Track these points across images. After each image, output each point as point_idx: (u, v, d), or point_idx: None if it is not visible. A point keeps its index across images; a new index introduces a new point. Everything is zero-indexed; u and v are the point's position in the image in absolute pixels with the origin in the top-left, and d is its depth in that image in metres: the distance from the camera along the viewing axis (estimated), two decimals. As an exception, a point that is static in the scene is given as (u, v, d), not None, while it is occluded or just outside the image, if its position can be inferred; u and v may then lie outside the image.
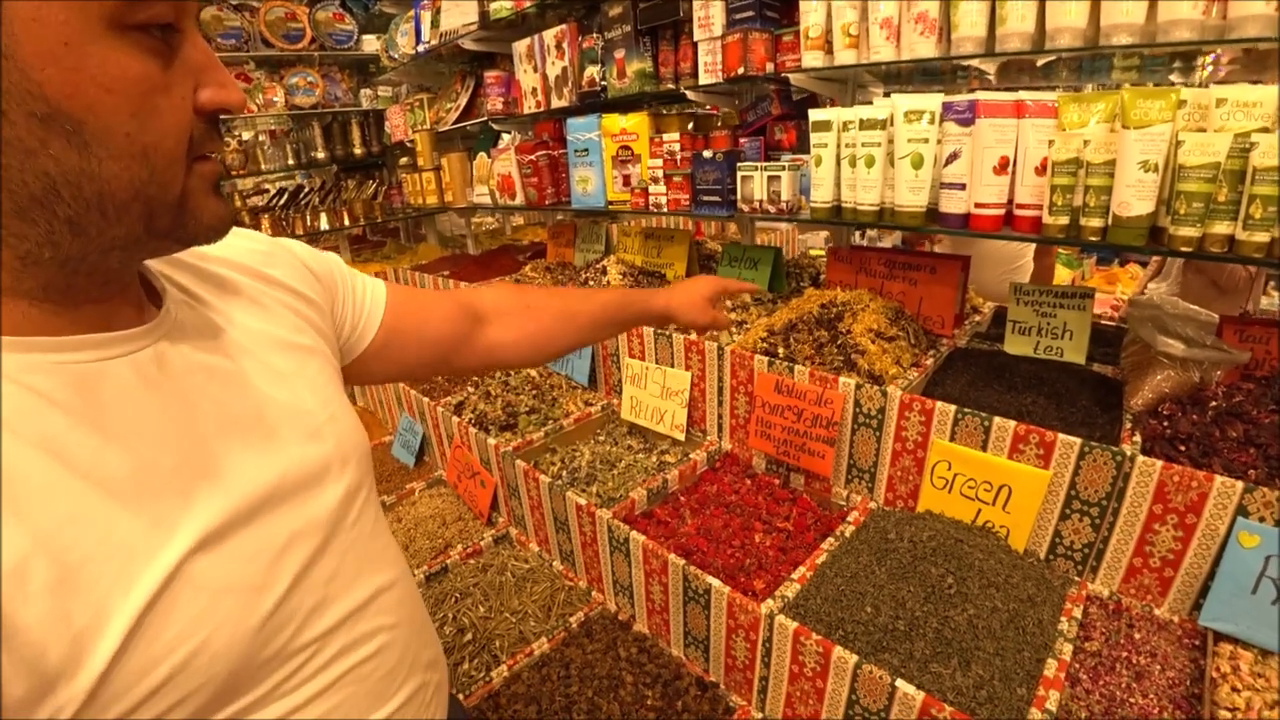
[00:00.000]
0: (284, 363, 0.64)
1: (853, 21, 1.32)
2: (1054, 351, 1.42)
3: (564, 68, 1.95)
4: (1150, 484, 1.04)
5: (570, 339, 1.07)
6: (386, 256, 3.29)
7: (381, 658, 0.64)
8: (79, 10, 0.40)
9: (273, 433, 0.58)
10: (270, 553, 0.54)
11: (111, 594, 0.43)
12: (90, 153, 0.42)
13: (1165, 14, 1.02)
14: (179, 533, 0.47)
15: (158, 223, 0.47)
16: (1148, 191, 1.03)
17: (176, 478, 0.49)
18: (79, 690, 0.41)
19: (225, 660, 0.49)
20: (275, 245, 0.72)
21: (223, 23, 2.70)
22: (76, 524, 0.43)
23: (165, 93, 0.45)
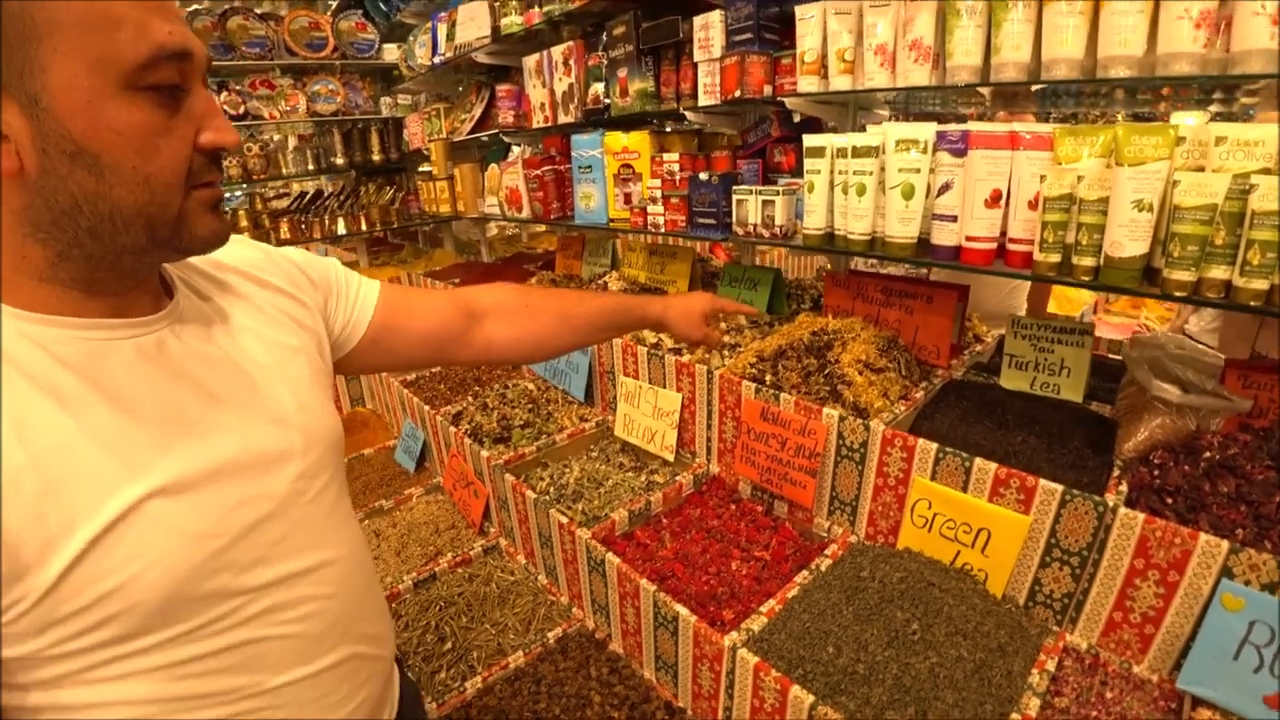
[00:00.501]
0: (267, 357, 0.75)
1: (848, 47, 1.30)
2: (1050, 389, 1.38)
3: (570, 84, 1.96)
4: (1132, 537, 1.00)
5: (566, 339, 1.14)
6: (403, 261, 3.34)
7: (312, 621, 0.72)
8: (101, 76, 0.53)
9: (244, 413, 0.69)
10: (220, 510, 0.64)
11: (80, 512, 0.55)
12: (104, 180, 0.56)
13: (1164, 46, 0.98)
14: (145, 478, 0.59)
15: (158, 234, 0.60)
16: (1141, 232, 1.00)
17: (153, 436, 0.61)
18: (42, 583, 0.53)
19: (161, 587, 0.59)
20: (274, 254, 0.85)
21: (248, 32, 2.78)
22: (63, 453, 0.55)
23: (165, 135, 0.57)
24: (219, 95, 2.82)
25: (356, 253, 3.41)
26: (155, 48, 0.55)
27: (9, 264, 0.57)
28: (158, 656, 0.61)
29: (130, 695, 0.60)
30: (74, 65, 0.52)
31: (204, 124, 0.60)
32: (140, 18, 0.55)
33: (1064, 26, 1.04)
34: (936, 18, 1.18)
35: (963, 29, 1.14)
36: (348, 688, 0.77)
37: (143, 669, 0.60)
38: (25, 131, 0.53)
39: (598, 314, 1.15)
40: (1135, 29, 0.99)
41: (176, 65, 0.57)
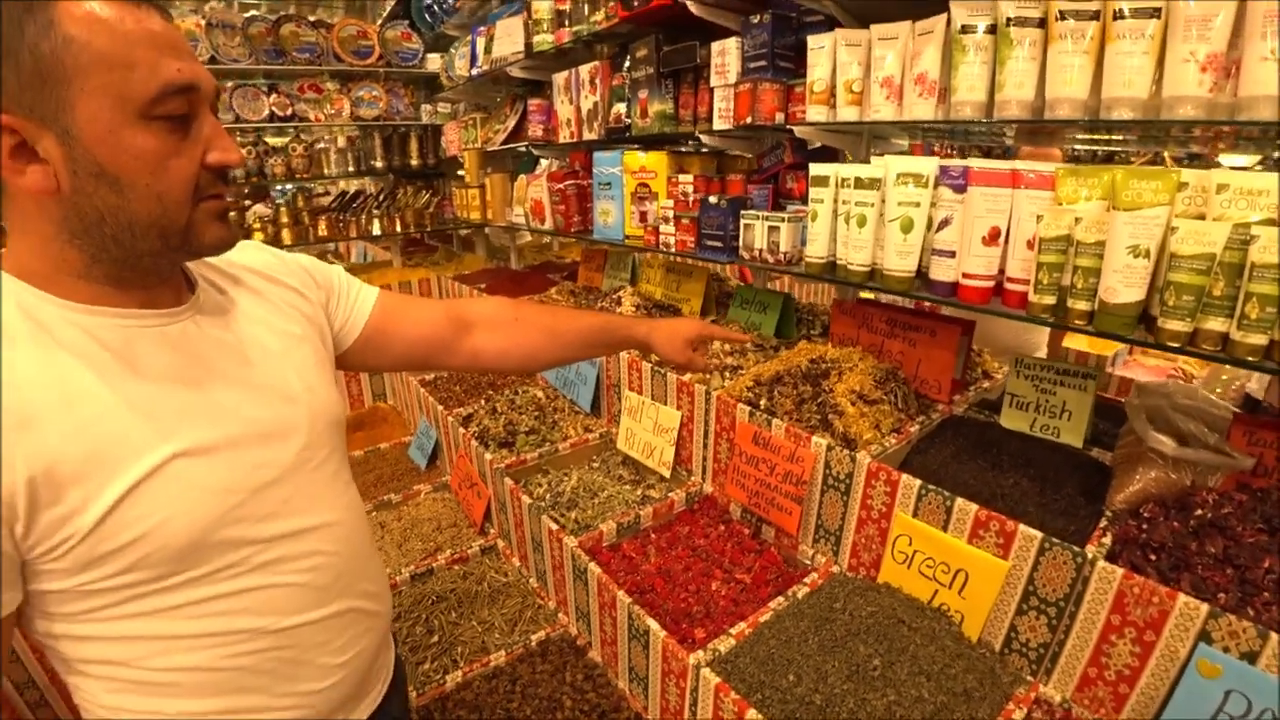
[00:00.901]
0: (275, 343, 0.85)
1: (856, 78, 1.30)
2: (1050, 431, 1.35)
3: (595, 102, 2.00)
4: (1109, 592, 0.97)
5: (554, 354, 1.21)
6: (435, 263, 3.44)
7: (316, 574, 0.82)
8: (118, 111, 0.63)
9: (256, 391, 0.79)
10: (234, 471, 0.74)
11: (118, 466, 0.66)
12: (124, 196, 0.65)
13: (1170, 89, 0.96)
14: (171, 441, 0.69)
15: (170, 241, 0.70)
16: (1137, 278, 0.98)
17: (178, 407, 0.71)
18: (86, 523, 0.64)
19: (184, 533, 0.69)
20: (285, 257, 0.96)
21: (299, 38, 2.92)
22: (104, 419, 0.66)
23: (175, 157, 0.67)
24: (268, 97, 2.98)
25: (391, 252, 3.53)
26: (164, 84, 0.64)
27: (54, 264, 0.68)
28: (179, 595, 0.71)
29: (153, 630, 0.71)
30: (97, 101, 0.62)
31: (210, 145, 0.70)
32: (152, 58, 0.64)
33: (1068, 66, 1.03)
34: (943, 53, 1.18)
35: (968, 65, 1.14)
36: (348, 636, 0.86)
37: (166, 606, 0.70)
38: (60, 157, 0.63)
39: (585, 331, 1.21)
40: (1140, 70, 0.98)
41: (184, 97, 0.66)
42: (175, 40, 0.68)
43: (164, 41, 0.66)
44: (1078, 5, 1.01)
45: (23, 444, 0.62)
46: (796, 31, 1.47)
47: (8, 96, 0.61)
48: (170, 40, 0.67)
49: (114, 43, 0.63)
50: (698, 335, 1.27)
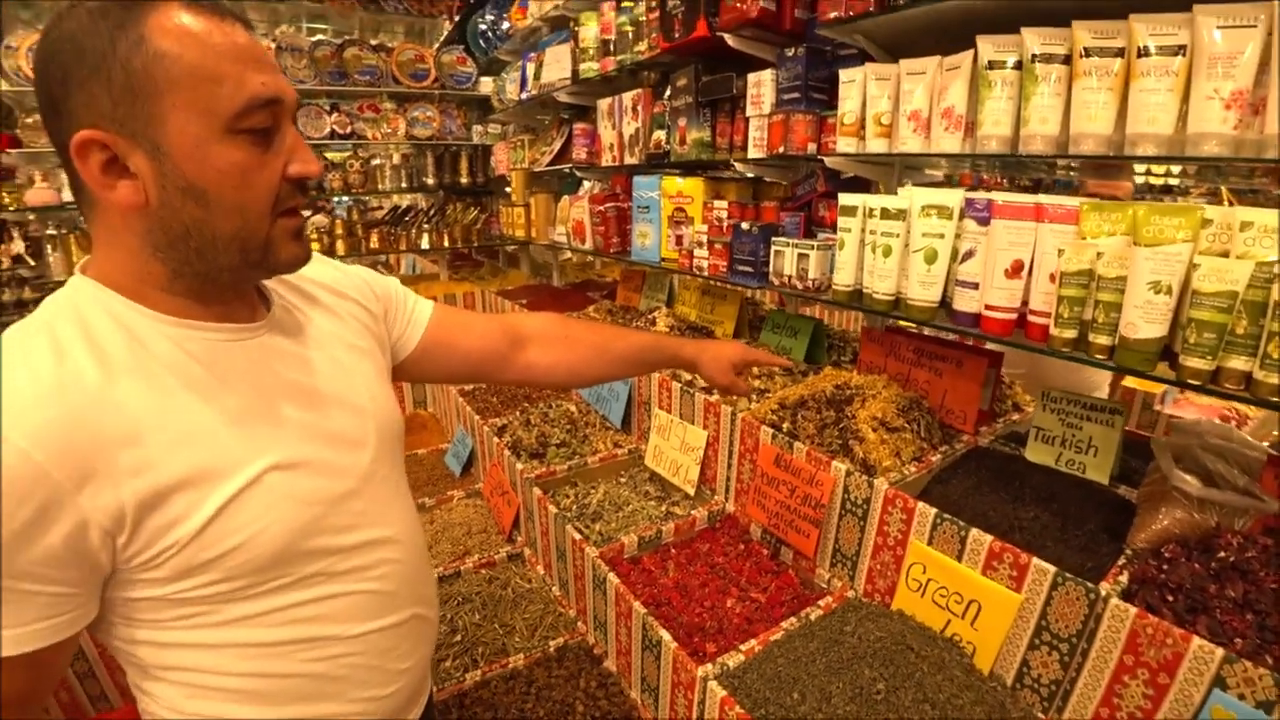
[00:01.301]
0: (346, 357, 0.88)
1: (885, 111, 1.33)
2: (1076, 466, 1.33)
3: (637, 128, 2.07)
4: (1122, 631, 0.96)
5: (601, 371, 1.24)
6: (480, 278, 3.57)
7: (386, 581, 0.85)
8: (206, 125, 0.65)
9: (331, 403, 0.82)
10: (319, 482, 0.77)
11: (219, 477, 0.69)
12: (210, 210, 0.67)
13: (1194, 126, 0.96)
14: (265, 455, 0.72)
15: (250, 256, 0.72)
16: (1158, 314, 0.98)
17: (267, 420, 0.74)
18: (188, 532, 0.66)
19: (275, 543, 0.72)
20: (348, 270, 0.99)
21: (361, 61, 3.11)
22: (203, 433, 0.69)
23: (259, 170, 0.69)
24: (330, 116, 3.17)
25: (438, 265, 3.67)
26: (250, 97, 0.66)
27: (139, 277, 0.70)
28: (264, 603, 0.73)
29: (237, 638, 0.73)
30: (186, 115, 0.64)
31: (292, 156, 0.71)
32: (238, 72, 0.65)
33: (1092, 102, 1.05)
34: (969, 88, 1.20)
35: (994, 100, 1.16)
36: (410, 643, 0.89)
37: (251, 614, 0.72)
38: (149, 172, 0.65)
39: (634, 350, 1.24)
40: (1164, 107, 0.98)
41: (269, 110, 0.68)
42: (259, 54, 0.69)
43: (249, 55, 0.67)
44: (1102, 42, 1.02)
45: (129, 458, 0.63)
46: (830, 64, 1.51)
47: (99, 113, 0.63)
48: (255, 54, 0.68)
49: (203, 57, 0.64)
50: (742, 359, 1.29)
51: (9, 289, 3.06)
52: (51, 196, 3.02)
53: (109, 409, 0.64)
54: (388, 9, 3.34)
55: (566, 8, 2.31)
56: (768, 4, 1.52)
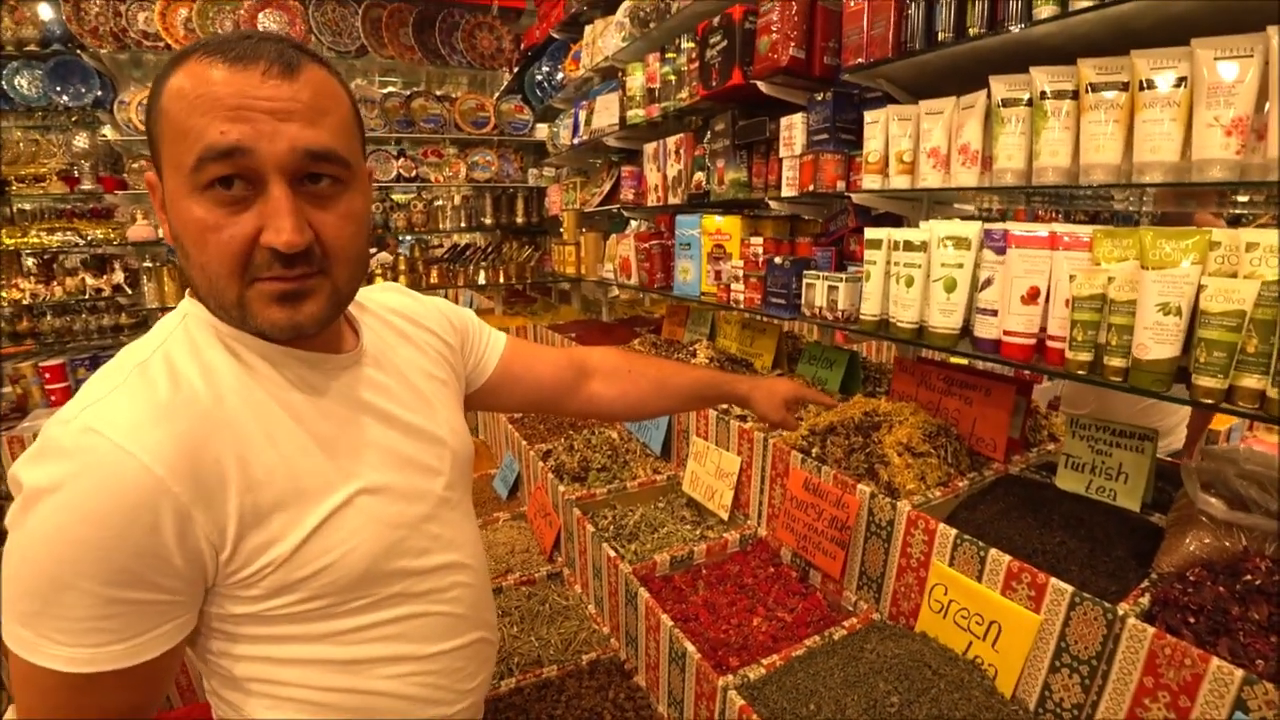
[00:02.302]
0: (426, 386, 0.92)
1: (907, 149, 1.40)
2: (1106, 493, 1.32)
3: (680, 170, 2.20)
4: (1141, 651, 0.96)
5: (661, 404, 1.30)
6: (533, 313, 3.74)
7: (458, 603, 0.88)
8: (178, 178, 0.66)
9: (413, 431, 0.86)
10: (402, 504, 0.81)
11: (313, 501, 0.72)
12: (189, 262, 0.69)
13: (1198, 153, 1.00)
14: (355, 479, 0.76)
15: (229, 315, 0.71)
16: (1168, 335, 1.00)
17: (356, 445, 0.78)
18: (285, 550, 0.70)
19: (363, 563, 0.75)
20: (426, 301, 1.03)
21: (427, 110, 3.40)
22: (301, 456, 0.72)
23: (216, 231, 0.66)
24: (397, 160, 3.45)
25: (494, 300, 3.88)
26: (202, 149, 0.63)
27: None
28: (348, 621, 0.76)
29: (320, 654, 0.75)
30: (170, 170, 0.66)
31: (266, 223, 0.66)
32: (203, 125, 0.63)
33: (1100, 134, 1.09)
34: (984, 125, 1.26)
35: (1007, 135, 1.21)
36: (475, 665, 0.92)
37: (335, 631, 0.75)
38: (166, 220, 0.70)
39: (692, 385, 1.29)
40: (1168, 136, 1.02)
41: (230, 162, 0.63)
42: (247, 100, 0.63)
43: (229, 104, 0.63)
44: (1107, 78, 1.08)
45: (236, 476, 0.66)
46: (857, 107, 1.59)
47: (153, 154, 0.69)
48: (239, 100, 0.63)
49: (179, 111, 0.64)
50: (795, 397, 1.33)
51: (109, 314, 3.42)
52: (149, 233, 3.36)
53: (220, 428, 0.67)
54: (452, 63, 3.63)
55: (616, 59, 2.49)
56: (797, 53, 1.63)
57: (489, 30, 3.73)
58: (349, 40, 3.49)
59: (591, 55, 2.74)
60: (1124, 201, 3.39)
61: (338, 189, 0.72)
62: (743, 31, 1.77)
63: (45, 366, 3.25)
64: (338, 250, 0.72)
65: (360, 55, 3.54)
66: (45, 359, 3.28)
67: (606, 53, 2.55)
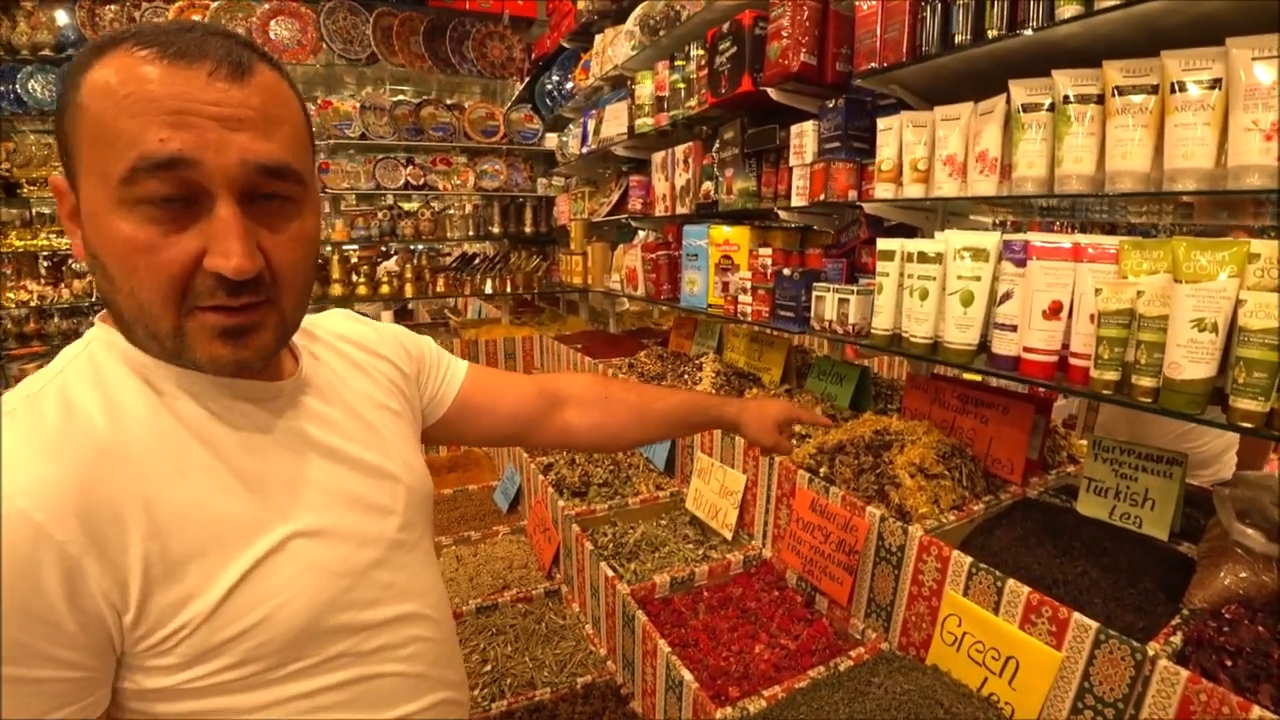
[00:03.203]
0: (377, 418, 0.83)
1: (922, 157, 1.35)
2: (1131, 520, 1.25)
3: (688, 179, 2.15)
4: (1173, 697, 0.89)
5: (641, 434, 1.20)
6: (540, 323, 3.70)
7: (415, 661, 0.78)
8: (104, 190, 0.57)
9: (359, 467, 0.77)
10: (347, 549, 0.71)
11: (236, 547, 0.62)
12: (112, 284, 0.60)
13: (1234, 159, 0.94)
14: (288, 520, 0.66)
15: (164, 344, 0.61)
16: (1203, 353, 0.93)
17: (291, 483, 0.69)
18: (204, 609, 0.59)
19: (300, 619, 0.65)
20: (380, 328, 0.95)
21: (436, 119, 3.39)
22: (221, 497, 0.63)
23: (148, 254, 0.57)
24: (405, 169, 3.44)
25: (501, 310, 3.84)
26: (135, 158, 0.55)
27: None
28: (288, 688, 0.65)
29: None
30: (90, 179, 0.57)
31: (211, 245, 0.58)
32: (136, 129, 0.55)
33: (1127, 140, 1.04)
34: (1003, 131, 1.21)
35: (1028, 142, 1.16)
36: None
37: (273, 701, 0.64)
38: (79, 233, 0.61)
39: (675, 410, 1.20)
40: (1202, 141, 0.97)
41: (172, 175, 0.56)
42: (189, 104, 0.56)
43: (166, 106, 0.55)
44: (1135, 80, 1.02)
45: (139, 522, 0.57)
46: (870, 114, 1.54)
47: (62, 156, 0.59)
48: (179, 104, 0.55)
49: (105, 111, 0.55)
50: (786, 418, 1.25)
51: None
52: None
53: (119, 465, 0.58)
54: (462, 72, 3.63)
55: (625, 67, 2.46)
56: (809, 59, 1.58)
57: (499, 39, 3.73)
58: (360, 48, 3.49)
59: (601, 64, 2.71)
60: (1141, 215, 3.31)
61: (289, 208, 0.65)
62: (753, 38, 1.73)
63: (51, 369, 3.24)
64: (287, 276, 0.65)
65: (371, 63, 3.54)
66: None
67: (616, 61, 2.52)
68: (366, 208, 3.63)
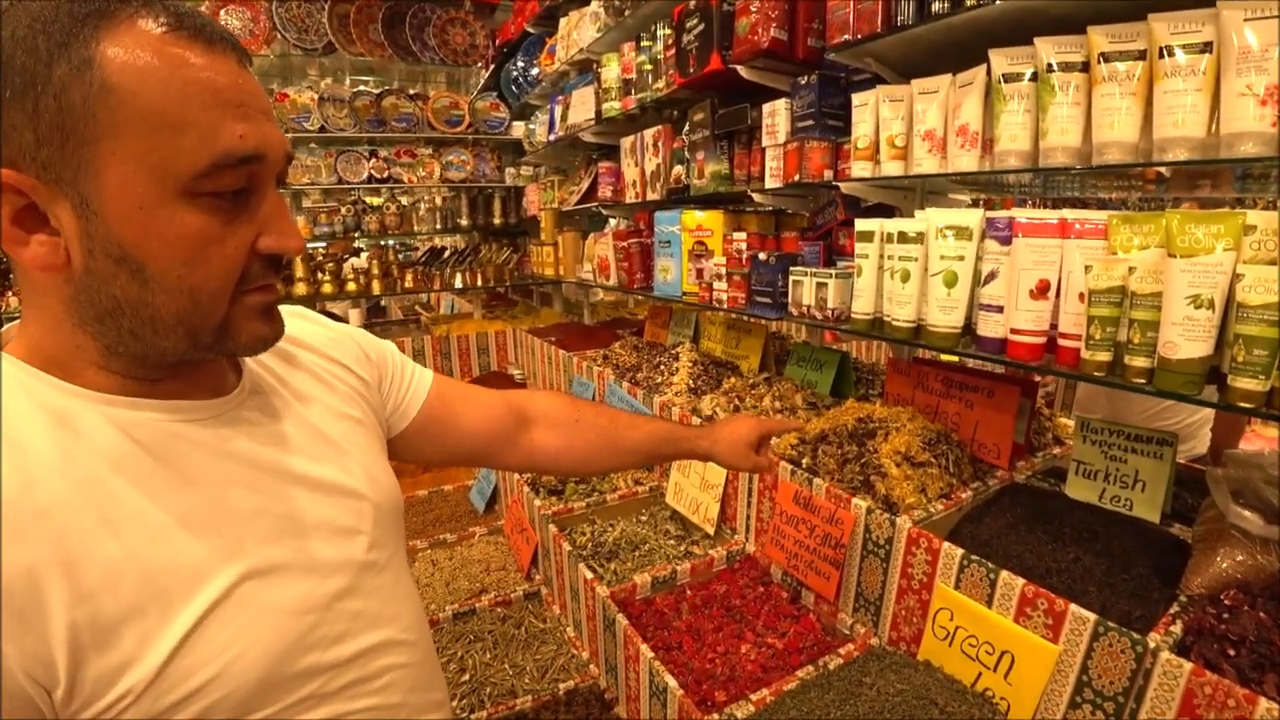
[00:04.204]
0: (337, 429, 0.76)
1: (899, 133, 1.30)
2: (1121, 503, 1.22)
3: (658, 164, 2.08)
4: (1176, 690, 0.85)
5: (611, 460, 1.15)
6: (514, 316, 3.62)
7: (391, 691, 0.71)
8: (157, 183, 0.51)
9: (318, 488, 0.69)
10: (306, 585, 0.64)
11: (177, 601, 0.55)
12: (148, 287, 0.54)
13: (1227, 126, 0.89)
14: (236, 561, 0.59)
15: (200, 340, 0.58)
16: (1200, 331, 0.89)
17: (237, 517, 0.61)
18: (145, 673, 0.52)
19: (258, 669, 0.58)
20: (337, 329, 0.86)
21: (398, 109, 3.28)
22: (157, 543, 0.55)
23: (219, 244, 0.55)
24: (368, 162, 3.32)
25: (473, 304, 3.75)
26: (220, 155, 0.52)
27: (69, 349, 0.56)
28: None
29: None
30: (130, 169, 0.50)
31: (266, 227, 0.58)
32: (211, 121, 0.52)
33: (1114, 109, 0.99)
34: (984, 104, 1.15)
35: (1009, 114, 1.11)
36: None
37: None
38: (74, 230, 0.52)
39: (646, 440, 1.14)
40: (1193, 109, 0.92)
41: (245, 169, 0.55)
42: (245, 95, 0.54)
43: (231, 98, 0.53)
44: (1121, 46, 0.97)
45: (58, 585, 0.50)
46: (845, 90, 1.48)
47: (20, 149, 0.49)
48: (239, 95, 0.54)
49: (167, 98, 0.50)
50: (759, 435, 1.19)
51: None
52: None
53: (28, 527, 0.50)
54: (425, 60, 3.50)
55: (591, 50, 2.37)
56: (779, 34, 1.52)
57: (462, 25, 3.60)
58: (316, 38, 3.35)
59: (567, 48, 2.62)
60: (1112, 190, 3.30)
61: None
62: (720, 14, 1.66)
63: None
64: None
65: (328, 53, 3.40)
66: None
67: (582, 44, 2.44)
68: (330, 203, 3.50)
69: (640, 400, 2.04)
